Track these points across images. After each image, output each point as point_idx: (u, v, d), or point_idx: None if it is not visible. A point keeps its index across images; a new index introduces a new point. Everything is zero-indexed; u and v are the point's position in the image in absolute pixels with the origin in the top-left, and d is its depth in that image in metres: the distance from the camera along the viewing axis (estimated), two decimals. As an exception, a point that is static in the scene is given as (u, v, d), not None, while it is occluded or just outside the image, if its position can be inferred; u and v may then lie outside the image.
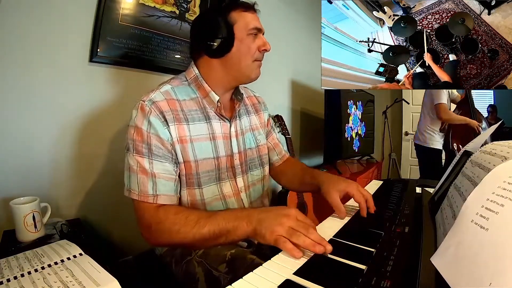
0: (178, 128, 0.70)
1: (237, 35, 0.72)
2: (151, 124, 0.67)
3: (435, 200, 0.56)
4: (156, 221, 0.64)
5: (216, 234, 0.58)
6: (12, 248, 0.72)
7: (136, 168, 0.66)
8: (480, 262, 0.27)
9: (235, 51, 0.73)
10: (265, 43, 0.76)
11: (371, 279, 0.37)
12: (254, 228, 0.54)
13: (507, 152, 0.38)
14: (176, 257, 0.74)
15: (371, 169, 2.35)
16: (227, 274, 0.61)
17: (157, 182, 0.66)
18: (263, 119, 0.94)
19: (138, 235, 0.69)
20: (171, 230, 0.61)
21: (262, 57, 0.78)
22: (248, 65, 0.75)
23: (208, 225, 0.58)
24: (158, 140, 0.67)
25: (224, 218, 0.58)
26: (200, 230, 0.59)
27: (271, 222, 0.53)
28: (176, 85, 0.75)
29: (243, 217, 0.57)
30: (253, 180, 0.85)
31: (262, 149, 0.90)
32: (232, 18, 0.72)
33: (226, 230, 0.57)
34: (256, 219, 0.55)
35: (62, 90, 1.01)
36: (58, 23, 0.98)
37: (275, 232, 0.51)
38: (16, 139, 0.93)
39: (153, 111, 0.67)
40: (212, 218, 0.59)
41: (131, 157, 0.67)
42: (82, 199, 1.09)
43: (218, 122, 0.77)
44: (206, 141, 0.74)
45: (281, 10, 2.04)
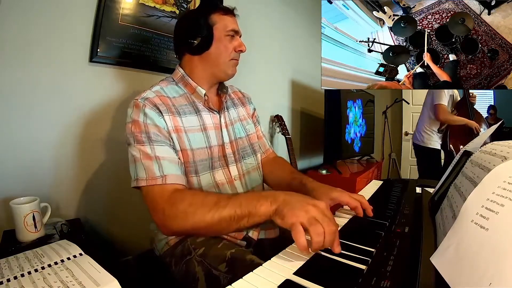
0: (172, 119, 0.74)
1: (216, 35, 0.80)
2: (146, 115, 0.70)
3: (435, 200, 0.56)
4: (170, 203, 0.63)
5: (237, 216, 0.56)
6: (12, 248, 0.72)
7: (140, 156, 0.68)
8: (480, 262, 0.27)
9: (213, 49, 0.80)
10: (240, 44, 0.83)
11: (371, 279, 0.37)
12: (276, 207, 0.53)
13: (507, 152, 0.38)
14: (176, 257, 0.74)
15: (371, 169, 2.35)
16: (227, 273, 0.61)
17: (162, 164, 0.68)
18: (249, 110, 1.00)
19: (138, 235, 0.70)
20: (187, 212, 0.60)
21: (238, 57, 0.85)
22: (225, 63, 0.82)
23: (229, 205, 0.57)
24: (155, 128, 0.70)
25: (247, 198, 0.57)
26: (220, 211, 0.57)
27: (296, 206, 0.51)
28: (165, 85, 0.81)
29: (268, 196, 0.56)
30: (247, 168, 0.89)
31: (252, 137, 0.94)
32: (212, 20, 0.80)
33: (248, 211, 0.56)
34: (282, 199, 0.54)
35: (62, 90, 1.01)
36: (58, 23, 0.98)
37: (296, 217, 0.48)
38: (16, 139, 0.93)
39: (147, 104, 0.72)
40: (234, 199, 0.58)
41: (133, 149, 0.70)
42: (82, 199, 1.09)
43: (208, 114, 0.83)
44: (198, 132, 0.79)
45: (281, 10, 2.04)
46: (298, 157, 2.19)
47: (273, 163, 0.98)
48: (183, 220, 0.61)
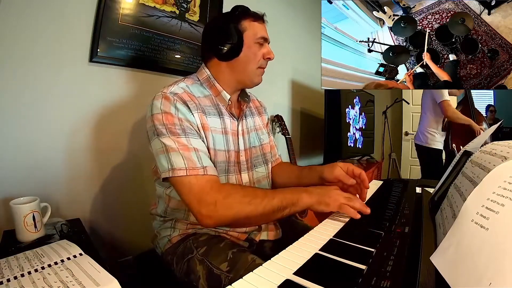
0: (200, 116, 0.74)
1: (246, 42, 0.78)
2: (178, 109, 0.70)
3: (435, 200, 0.56)
4: (225, 194, 0.64)
5: (283, 206, 0.65)
6: (12, 248, 0.72)
7: (176, 147, 0.66)
8: (480, 261, 0.27)
9: (242, 56, 0.79)
10: (269, 52, 0.82)
11: (371, 279, 0.37)
12: (317, 200, 0.65)
13: (507, 152, 0.38)
14: (177, 255, 0.74)
15: (371, 169, 2.35)
16: (228, 273, 0.61)
17: (201, 156, 0.68)
18: (265, 120, 1.00)
19: (138, 235, 0.70)
20: (242, 202, 0.64)
21: (266, 65, 0.84)
22: (253, 71, 0.81)
23: (276, 197, 0.65)
24: (187, 122, 0.71)
25: (288, 192, 0.67)
26: (271, 201, 0.64)
27: (331, 193, 0.65)
28: (190, 83, 0.80)
29: (302, 191, 0.66)
30: (258, 177, 0.89)
31: (266, 147, 0.94)
32: (242, 26, 0.78)
33: (292, 202, 0.65)
34: (316, 192, 0.66)
35: (62, 90, 1.01)
36: (58, 23, 0.98)
37: (338, 200, 0.64)
38: (15, 139, 0.93)
39: (177, 99, 0.71)
40: (278, 192, 0.66)
41: (167, 139, 0.67)
42: (82, 199, 1.09)
43: (229, 119, 0.82)
44: (220, 134, 0.78)
45: (281, 10, 2.04)
46: (298, 157, 2.19)
47: (281, 167, 1.00)
48: (238, 210, 0.64)
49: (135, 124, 1.21)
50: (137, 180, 1.22)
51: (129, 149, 1.19)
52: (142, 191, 1.22)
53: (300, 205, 0.65)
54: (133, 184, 1.21)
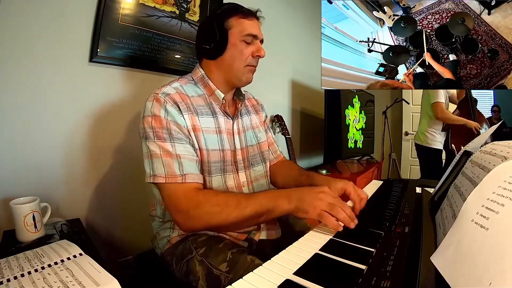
0: (191, 117, 0.74)
1: (231, 40, 0.77)
2: (168, 112, 0.70)
3: (435, 200, 0.56)
4: (195, 204, 0.65)
5: (258, 214, 0.62)
6: (12, 248, 0.72)
7: (160, 153, 0.68)
8: (480, 261, 0.27)
9: (228, 54, 0.78)
10: (259, 49, 0.79)
11: (371, 279, 0.37)
12: (295, 206, 0.60)
13: (507, 152, 0.38)
14: (177, 256, 0.74)
15: (371, 169, 2.35)
16: (228, 273, 0.61)
17: (182, 163, 0.68)
18: (262, 118, 0.99)
19: (138, 235, 0.70)
20: (212, 212, 0.64)
21: (256, 63, 0.82)
22: (240, 69, 0.79)
23: (250, 205, 0.62)
24: (176, 125, 0.70)
25: (265, 197, 0.63)
26: (243, 211, 0.62)
27: (311, 198, 0.59)
28: (184, 83, 0.80)
29: (283, 196, 0.62)
30: (256, 175, 0.88)
31: (263, 145, 0.93)
32: (228, 24, 0.76)
33: (267, 209, 0.62)
34: (296, 197, 0.61)
35: (62, 90, 1.01)
36: (58, 23, 0.98)
37: (318, 207, 0.57)
38: (15, 139, 0.93)
39: (168, 101, 0.71)
40: (253, 199, 0.64)
41: (152, 144, 0.69)
42: (82, 199, 1.09)
43: (223, 118, 0.82)
44: (213, 134, 0.78)
45: (281, 10, 2.04)
46: (298, 157, 2.19)
47: (282, 165, 0.99)
48: (208, 219, 0.64)
49: (135, 124, 1.21)
50: (137, 180, 1.21)
51: (130, 149, 1.19)
52: (142, 191, 1.21)
53: (278, 212, 0.62)
54: (133, 184, 1.20)
